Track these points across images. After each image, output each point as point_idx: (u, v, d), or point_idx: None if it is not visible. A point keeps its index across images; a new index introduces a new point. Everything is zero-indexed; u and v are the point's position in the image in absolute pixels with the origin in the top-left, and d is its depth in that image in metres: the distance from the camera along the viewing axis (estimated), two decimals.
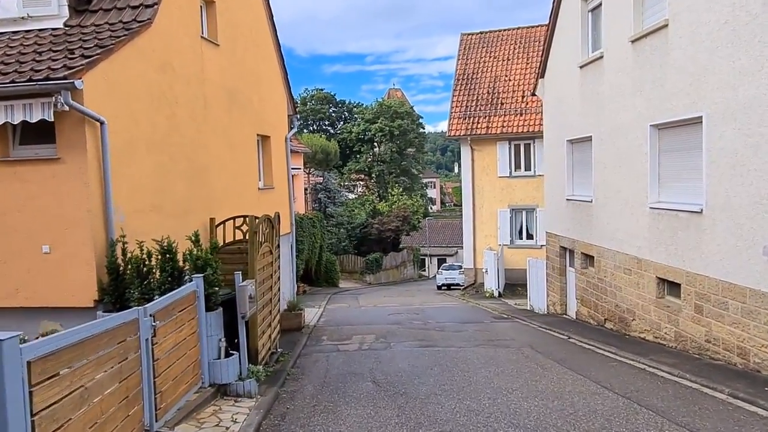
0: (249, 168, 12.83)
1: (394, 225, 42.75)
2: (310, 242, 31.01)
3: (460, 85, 28.80)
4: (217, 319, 7.40)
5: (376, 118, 65.90)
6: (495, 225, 26.93)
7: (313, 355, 11.18)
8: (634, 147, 11.57)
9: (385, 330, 14.35)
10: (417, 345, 12.03)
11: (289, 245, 15.71)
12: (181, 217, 9.58)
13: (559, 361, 9.86)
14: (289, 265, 15.75)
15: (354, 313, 19.19)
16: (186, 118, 10.06)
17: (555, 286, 16.67)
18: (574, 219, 14.94)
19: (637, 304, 11.71)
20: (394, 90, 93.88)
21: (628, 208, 11.91)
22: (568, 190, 15.36)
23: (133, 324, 5.49)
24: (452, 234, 63.68)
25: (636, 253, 11.61)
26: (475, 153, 27.06)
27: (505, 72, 28.56)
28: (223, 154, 11.46)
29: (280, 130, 15.20)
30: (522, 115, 26.53)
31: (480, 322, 15.74)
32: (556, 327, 13.93)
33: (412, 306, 21.74)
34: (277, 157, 14.78)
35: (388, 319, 17.10)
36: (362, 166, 67.55)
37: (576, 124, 14.57)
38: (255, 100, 13.40)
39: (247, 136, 12.83)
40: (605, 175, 12.95)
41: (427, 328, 14.73)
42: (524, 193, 26.39)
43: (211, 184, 10.87)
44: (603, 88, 12.90)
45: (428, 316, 17.38)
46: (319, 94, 78.83)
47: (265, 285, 9.25)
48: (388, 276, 43.48)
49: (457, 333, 13.63)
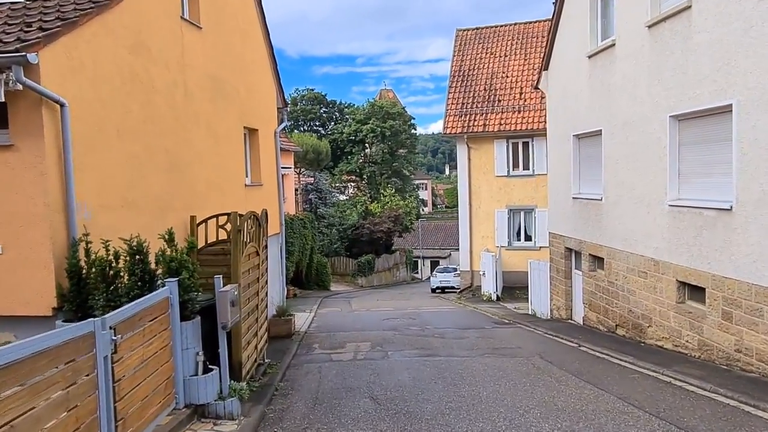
0: (235, 163, 11.88)
1: (385, 226, 41.84)
2: (300, 244, 30.03)
3: (456, 82, 27.98)
4: (195, 330, 6.46)
5: (368, 119, 65.04)
6: (492, 226, 26.10)
7: (304, 366, 10.24)
8: (650, 140, 10.74)
9: (381, 337, 13.43)
10: (417, 354, 11.13)
11: (278, 246, 14.77)
12: (157, 214, 8.62)
13: (575, 373, 8.99)
14: (278, 267, 14.80)
15: (347, 318, 18.26)
16: (164, 106, 9.11)
17: (559, 289, 15.83)
18: (581, 219, 14.11)
19: (653, 309, 10.88)
20: (385, 90, 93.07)
21: (643, 206, 11.08)
22: (575, 188, 14.52)
23: (87, 339, 4.55)
24: (445, 236, 62.93)
25: (653, 255, 10.77)
26: (471, 151, 26.23)
27: (502, 68, 27.77)
28: (206, 147, 10.51)
29: (269, 124, 14.26)
30: (520, 112, 25.73)
31: (481, 328, 14.86)
32: (563, 333, 13.08)
33: (407, 310, 20.83)
34: (265, 152, 13.84)
35: (383, 324, 16.18)
36: (354, 167, 66.68)
37: (584, 118, 13.74)
38: (241, 91, 12.45)
39: (233, 128, 11.88)
40: (617, 172, 12.12)
41: (425, 334, 13.83)
42: (522, 193, 25.59)
43: (193, 178, 9.92)
44: (615, 78, 12.08)
45: (425, 322, 16.48)
46: (310, 94, 77.76)
47: (250, 290, 8.31)
48: (380, 278, 42.56)
49: (459, 340, 12.73)
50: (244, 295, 7.81)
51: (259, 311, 8.97)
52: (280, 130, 14.75)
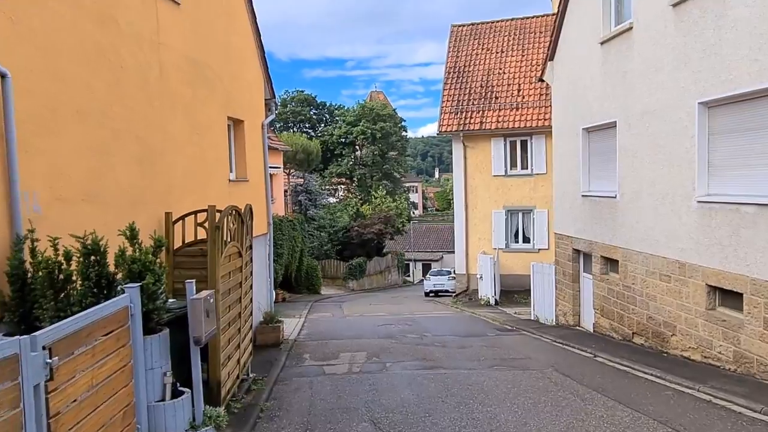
0: (217, 155, 10.77)
1: (376, 228, 40.76)
2: (290, 246, 28.90)
3: (451, 79, 27.00)
4: (162, 345, 5.37)
5: (358, 121, 64.34)
6: (489, 227, 25.12)
7: (293, 380, 9.15)
8: (675, 130, 9.79)
9: (378, 345, 12.36)
10: (418, 366, 10.07)
11: (265, 248, 13.67)
12: (126, 210, 7.50)
13: (599, 389, 7.99)
14: (265, 270, 13.70)
15: (339, 324, 17.17)
16: (135, 88, 8.00)
17: (566, 294, 14.85)
18: (591, 218, 13.14)
19: (677, 316, 9.91)
20: (376, 92, 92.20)
21: (666, 203, 10.13)
22: (584, 186, 13.57)
23: (8, 365, 3.46)
24: (437, 238, 61.99)
25: (678, 257, 9.81)
26: (467, 150, 25.25)
27: (499, 65, 26.83)
28: (184, 136, 9.40)
29: (256, 115, 13.16)
30: (518, 109, 24.80)
31: (484, 336, 13.84)
32: (573, 342, 12.10)
33: (402, 315, 19.77)
34: (252, 146, 12.74)
35: (378, 331, 15.11)
36: (344, 169, 65.94)
37: (595, 110, 12.79)
38: (225, 78, 11.36)
39: (216, 118, 10.77)
40: (634, 166, 11.17)
41: (425, 343, 12.78)
42: (520, 193, 24.64)
43: (169, 170, 8.80)
44: (632, 64, 11.13)
45: (423, 328, 15.43)
46: (299, 95, 76.70)
47: (231, 296, 7.22)
48: (371, 282, 41.46)
49: (462, 349, 11.70)
50: (224, 303, 6.72)
51: (243, 320, 7.88)
52: (267, 123, 13.66)
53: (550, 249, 24.34)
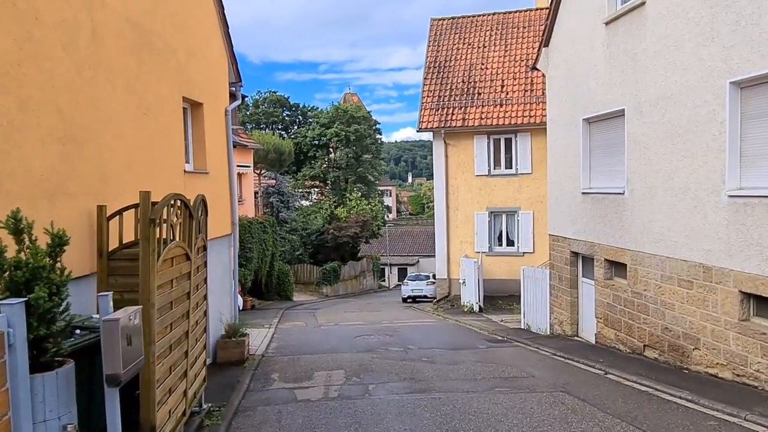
0: (170, 142, 9.16)
1: (352, 231, 39.22)
2: (260, 249, 27.18)
3: (432, 74, 25.72)
4: (62, 386, 3.80)
5: (332, 123, 62.97)
6: (472, 230, 23.86)
7: (257, 410, 7.59)
8: (699, 116, 8.56)
9: (357, 362, 10.87)
10: (407, 389, 8.61)
11: (229, 250, 12.06)
12: (41, 201, 5.89)
13: (628, 419, 6.65)
14: (229, 276, 12.09)
15: (313, 335, 15.60)
16: (57, 49, 6.39)
17: (563, 301, 13.58)
18: (593, 218, 11.89)
19: (701, 327, 8.67)
20: (350, 94, 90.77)
21: (687, 199, 8.89)
22: (584, 182, 12.32)
23: None
24: (413, 242, 60.75)
25: (702, 259, 8.57)
26: (449, 148, 23.96)
27: (481, 60, 25.65)
28: (126, 116, 7.79)
29: (218, 100, 11.57)
30: (502, 106, 23.61)
31: (474, 348, 12.46)
32: (576, 355, 10.80)
33: (381, 324, 18.29)
34: (213, 134, 11.15)
35: (356, 343, 13.61)
36: (317, 172, 64.48)
37: (598, 98, 11.55)
38: (180, 53, 9.76)
39: (168, 97, 9.17)
40: (648, 158, 9.93)
41: (410, 358, 11.33)
42: (504, 194, 23.45)
43: (104, 156, 7.19)
44: (645, 44, 9.90)
45: (406, 340, 13.99)
46: (272, 96, 74.82)
47: (175, 310, 5.65)
48: (346, 287, 39.89)
49: (454, 366, 10.28)
50: (163, 320, 5.16)
51: (193, 339, 6.31)
52: (232, 109, 12.08)
53: (536, 252, 23.21)
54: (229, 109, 12.00)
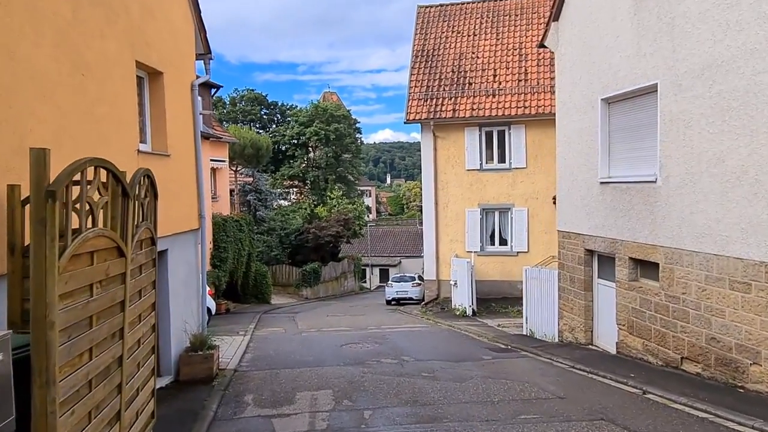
0: (119, 114, 7.45)
1: (334, 230, 37.48)
2: (235, 249, 25.38)
3: (419, 63, 24.20)
4: None
5: (311, 122, 61.35)
6: (462, 228, 22.38)
7: None
8: (761, 84, 7.15)
9: (346, 378, 9.26)
10: (411, 417, 7.03)
11: (196, 248, 10.34)
12: None
13: None
14: (196, 277, 10.37)
15: (293, 344, 13.91)
16: None
17: (575, 304, 12.13)
18: (614, 210, 10.46)
19: (762, 339, 7.26)
20: (329, 93, 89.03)
21: (744, 184, 7.48)
22: (603, 171, 10.88)
23: None
24: (395, 243, 59.24)
25: (765, 257, 7.17)
26: (438, 141, 22.46)
27: (471, 49, 24.21)
28: (55, 74, 6.08)
29: (182, 71, 9.86)
30: (495, 96, 22.19)
31: (479, 360, 10.94)
32: (600, 368, 9.35)
33: (367, 330, 16.69)
34: (177, 111, 9.44)
35: (343, 353, 12.00)
36: (296, 171, 62.75)
37: (623, 74, 10.12)
38: (134, 8, 8.05)
39: (115, 58, 7.45)
40: (688, 139, 8.51)
41: (407, 372, 9.75)
42: (497, 190, 22.03)
43: (22, 121, 5.49)
44: (685, 5, 8.48)
45: (399, 349, 12.41)
46: (249, 94, 72.77)
47: (98, 329, 3.94)
48: (327, 289, 38.15)
49: (461, 384, 8.73)
50: (74, 346, 3.49)
51: (131, 365, 4.63)
52: (199, 84, 10.35)
53: (531, 252, 21.83)
54: (196, 84, 10.29)
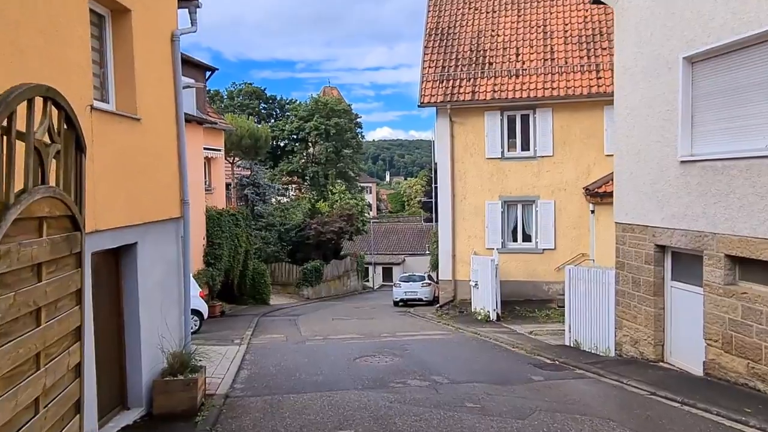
0: (61, 51, 5.32)
1: (337, 226, 35.33)
2: (231, 246, 23.25)
3: (433, 42, 22.06)
4: None
5: (311, 116, 59.42)
6: (482, 223, 20.27)
7: None
8: None
9: (370, 411, 7.14)
10: None
11: (177, 242, 8.19)
12: None
13: None
14: (177, 279, 8.21)
15: (297, 357, 11.78)
16: None
17: (639, 312, 10.02)
18: (704, 196, 8.34)
19: None
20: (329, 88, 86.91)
21: None
22: (684, 147, 8.75)
23: None
24: (398, 240, 57.11)
25: None
26: (455, 127, 20.33)
27: (490, 26, 22.07)
28: None
29: (159, 14, 7.71)
30: (518, 77, 20.06)
31: (528, 381, 8.84)
32: (693, 397, 7.26)
33: (381, 338, 14.58)
34: (151, 64, 7.30)
35: (358, 370, 9.89)
36: (295, 167, 60.82)
37: (718, 22, 7.99)
38: None
39: None
40: None
41: (446, 401, 7.63)
42: (520, 181, 19.92)
43: None
44: None
45: (424, 363, 10.31)
46: (247, 88, 70.69)
47: None
48: (329, 289, 36.03)
49: (522, 422, 6.62)
50: None
51: None
52: (181, 34, 8.19)
53: (558, 249, 19.70)
54: (178, 34, 8.14)
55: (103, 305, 6.39)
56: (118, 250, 6.67)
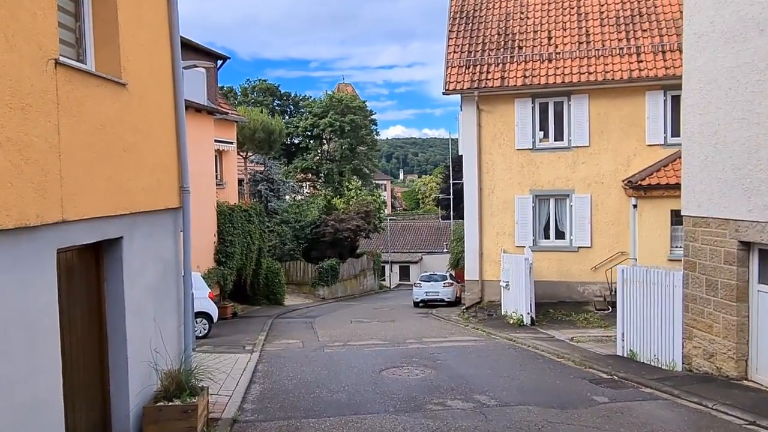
0: None
1: (354, 223, 34.05)
2: (243, 243, 22.05)
3: (458, 25, 20.62)
4: None
5: (326, 113, 58.40)
6: (511, 219, 18.83)
7: None
8: None
9: None
10: None
11: (175, 237, 6.89)
12: None
13: None
14: (174, 282, 6.90)
15: (316, 368, 10.45)
16: None
17: (716, 320, 8.55)
18: None
19: None
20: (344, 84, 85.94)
21: None
22: None
23: None
24: (415, 238, 55.69)
25: None
26: (483, 116, 18.90)
27: (519, 9, 20.57)
28: None
29: None
30: (551, 61, 18.57)
31: (591, 404, 7.44)
32: None
33: (406, 344, 13.23)
34: (141, 18, 6.01)
35: (386, 386, 8.55)
36: (309, 164, 59.88)
37: None
38: None
39: None
40: None
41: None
42: (553, 173, 18.44)
43: None
44: None
45: (462, 379, 8.95)
46: (262, 84, 69.92)
47: None
48: (345, 288, 34.76)
49: None
50: None
51: None
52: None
53: (594, 247, 18.18)
54: None
55: (78, 315, 5.12)
56: (99, 246, 5.38)
